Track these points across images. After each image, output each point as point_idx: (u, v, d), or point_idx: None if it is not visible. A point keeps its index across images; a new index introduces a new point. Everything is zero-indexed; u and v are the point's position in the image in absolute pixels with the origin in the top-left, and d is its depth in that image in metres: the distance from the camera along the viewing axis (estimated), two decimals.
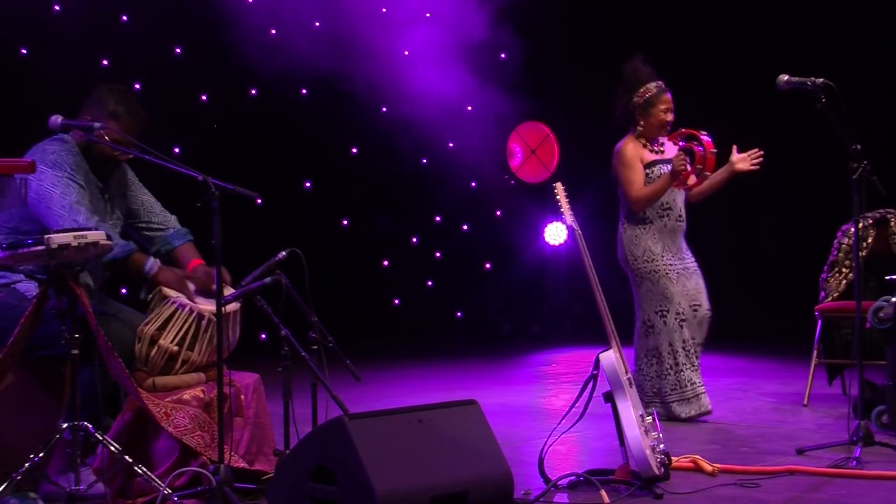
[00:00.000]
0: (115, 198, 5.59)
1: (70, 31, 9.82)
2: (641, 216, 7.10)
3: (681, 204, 7.13)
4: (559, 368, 10.38)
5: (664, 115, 7.07)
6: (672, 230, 7.09)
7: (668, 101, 7.09)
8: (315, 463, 4.46)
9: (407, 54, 11.62)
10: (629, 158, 7.12)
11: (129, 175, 5.73)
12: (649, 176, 7.06)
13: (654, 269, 7.03)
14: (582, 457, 6.26)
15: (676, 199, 7.11)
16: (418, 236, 12.57)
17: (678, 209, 7.10)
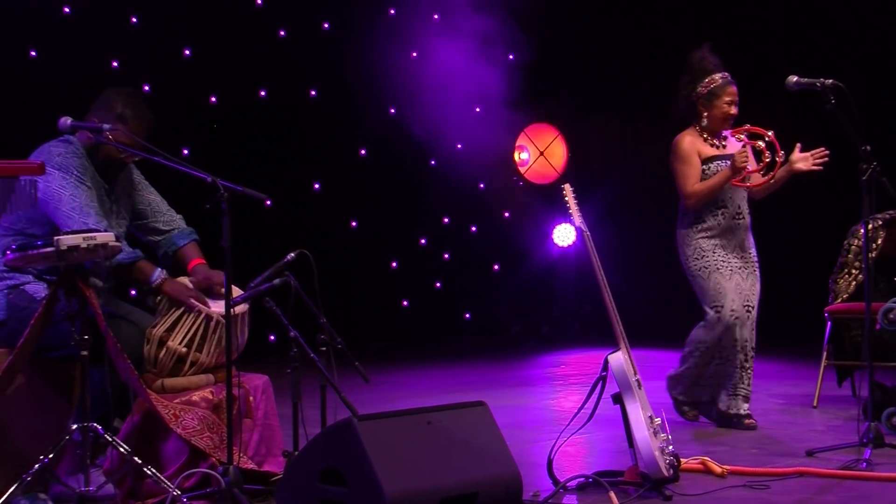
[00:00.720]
0: (120, 199, 5.60)
1: (80, 33, 9.84)
2: (695, 214, 6.85)
3: (739, 201, 6.84)
4: (568, 370, 10.38)
5: (728, 107, 6.79)
6: (728, 228, 6.81)
7: (734, 93, 6.81)
8: (324, 464, 4.46)
9: (415, 56, 11.63)
10: (685, 152, 6.87)
11: (135, 175, 5.74)
12: (706, 172, 6.81)
13: (703, 265, 6.77)
14: (591, 458, 6.26)
15: (733, 196, 6.82)
16: (427, 238, 12.57)
17: (735, 207, 6.83)
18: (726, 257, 6.80)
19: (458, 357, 11.24)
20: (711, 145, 6.89)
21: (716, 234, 6.83)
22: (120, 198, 5.59)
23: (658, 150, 12.19)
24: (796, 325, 10.74)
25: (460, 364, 10.76)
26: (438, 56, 11.24)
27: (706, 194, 6.77)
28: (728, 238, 6.83)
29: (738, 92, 6.83)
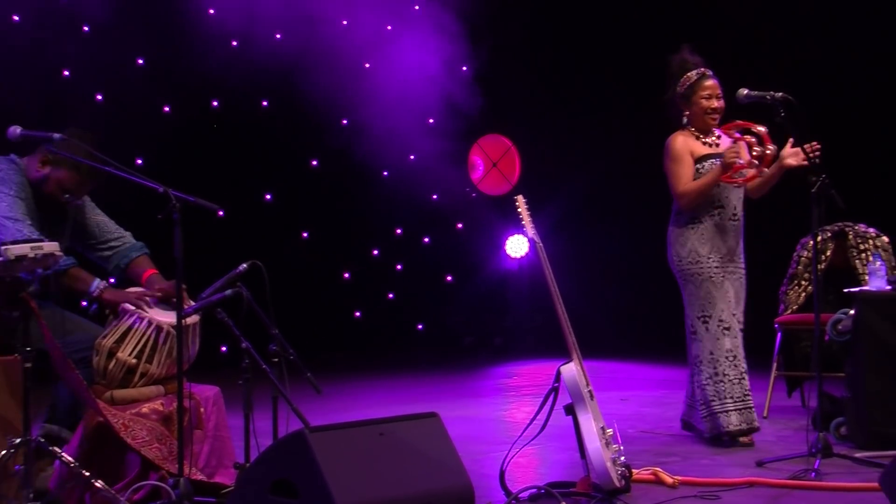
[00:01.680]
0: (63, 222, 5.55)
1: (30, 42, 9.76)
2: (690, 214, 6.69)
3: (735, 201, 6.69)
4: (521, 381, 10.39)
5: (706, 101, 6.67)
6: (724, 230, 6.65)
7: (711, 86, 6.69)
8: (276, 476, 4.44)
9: (368, 66, 11.63)
10: (677, 151, 6.70)
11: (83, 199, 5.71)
12: (699, 171, 6.66)
13: (697, 271, 6.63)
14: (543, 469, 6.27)
15: (730, 195, 6.68)
16: (379, 249, 12.55)
17: (731, 207, 6.68)
18: (720, 264, 6.64)
19: (410, 368, 11.23)
20: (704, 144, 6.74)
21: (711, 235, 6.66)
22: (62, 221, 5.55)
23: (610, 161, 12.33)
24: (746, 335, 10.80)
25: (413, 375, 10.75)
26: (391, 67, 11.24)
27: (698, 193, 6.61)
28: (723, 240, 6.66)
29: (719, 85, 6.71)
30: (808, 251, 7.81)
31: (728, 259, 6.67)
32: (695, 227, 6.67)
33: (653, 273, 11.37)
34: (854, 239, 7.70)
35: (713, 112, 6.70)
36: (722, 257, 6.65)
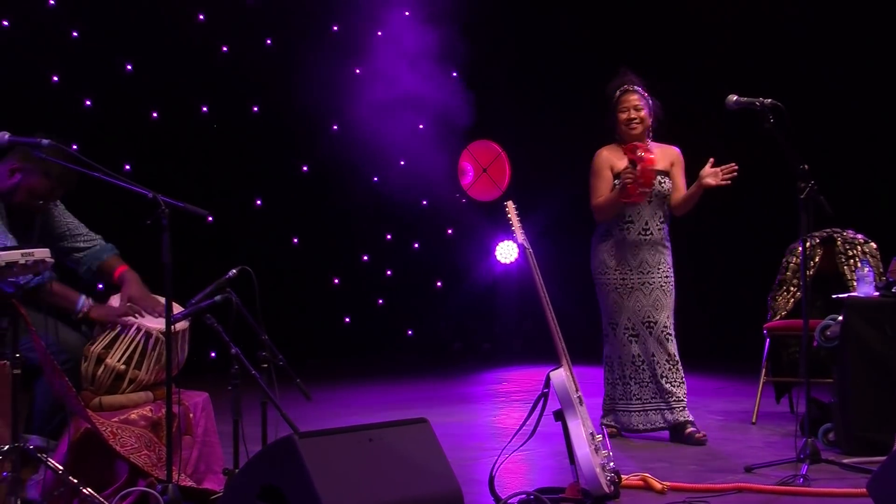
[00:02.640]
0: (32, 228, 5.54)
1: (18, 47, 9.75)
2: (604, 227, 7.05)
3: (647, 217, 6.96)
4: (510, 387, 10.39)
5: (623, 114, 6.98)
6: (634, 244, 6.95)
7: (630, 100, 6.99)
8: (264, 482, 4.44)
9: (359, 72, 11.63)
10: (597, 166, 7.05)
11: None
12: (615, 185, 6.93)
13: (604, 282, 7.03)
14: (532, 475, 6.27)
15: (641, 211, 6.96)
16: (369, 254, 12.55)
17: (643, 222, 6.96)
18: (628, 275, 6.98)
19: (399, 374, 11.22)
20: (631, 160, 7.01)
21: (622, 249, 6.99)
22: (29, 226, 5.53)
23: None
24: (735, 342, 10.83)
25: (402, 381, 10.74)
26: (382, 72, 11.24)
27: (604, 209, 6.97)
28: (633, 253, 6.98)
29: (641, 98, 7.00)
30: (796, 257, 7.82)
31: (640, 271, 6.99)
32: (606, 240, 7.07)
33: None
34: (842, 245, 7.71)
35: (629, 123, 6.99)
36: (632, 270, 6.99)
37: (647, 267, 6.99)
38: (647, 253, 7.00)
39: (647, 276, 6.99)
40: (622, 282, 6.98)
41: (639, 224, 6.98)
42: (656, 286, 6.99)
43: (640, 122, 6.99)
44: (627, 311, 6.97)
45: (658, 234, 7.01)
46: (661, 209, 7.04)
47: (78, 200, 9.63)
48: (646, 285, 6.99)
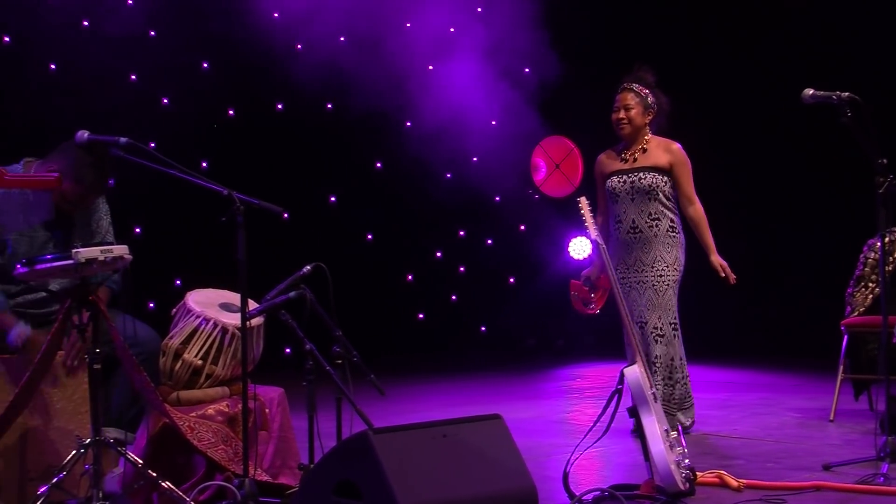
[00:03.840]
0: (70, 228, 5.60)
1: (99, 47, 9.89)
2: (605, 227, 7.13)
3: (633, 215, 6.98)
4: (584, 383, 10.37)
5: (613, 114, 7.09)
6: (624, 243, 7.00)
7: (620, 98, 7.10)
8: (339, 477, 4.46)
9: (431, 69, 11.65)
10: (594, 175, 7.30)
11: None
12: (606, 186, 7.10)
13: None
14: (606, 472, 6.25)
15: (627, 210, 6.99)
16: (442, 251, 12.57)
17: (629, 221, 6.99)
18: (625, 274, 6.99)
19: (473, 370, 11.23)
20: (621, 160, 7.10)
21: (618, 248, 7.04)
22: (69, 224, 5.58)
23: None
24: (813, 338, 10.71)
25: (475, 377, 10.75)
26: (454, 69, 11.25)
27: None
28: (626, 252, 7.01)
29: (632, 96, 7.06)
30: (874, 252, 7.72)
31: (636, 270, 7.00)
32: (608, 240, 7.05)
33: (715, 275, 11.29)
34: None
35: (618, 123, 7.08)
36: (629, 268, 7.01)
37: (641, 265, 6.98)
38: (640, 251, 6.99)
39: (641, 274, 6.97)
40: (622, 281, 6.96)
41: (626, 223, 7.00)
42: (649, 285, 6.96)
43: (627, 122, 7.05)
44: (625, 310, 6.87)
45: (650, 232, 6.97)
46: (649, 205, 6.98)
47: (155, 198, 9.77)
48: (641, 284, 6.97)
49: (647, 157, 7.04)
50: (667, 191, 7.02)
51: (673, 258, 6.99)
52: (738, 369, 10.41)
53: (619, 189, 7.01)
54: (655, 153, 7.05)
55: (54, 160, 5.41)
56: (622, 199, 7.00)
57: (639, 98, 7.05)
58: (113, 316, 4.99)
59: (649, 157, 7.03)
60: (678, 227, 7.08)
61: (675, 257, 7.00)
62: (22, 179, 4.79)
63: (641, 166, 7.01)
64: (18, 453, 5.17)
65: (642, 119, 7.06)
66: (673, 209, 7.06)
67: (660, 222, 6.98)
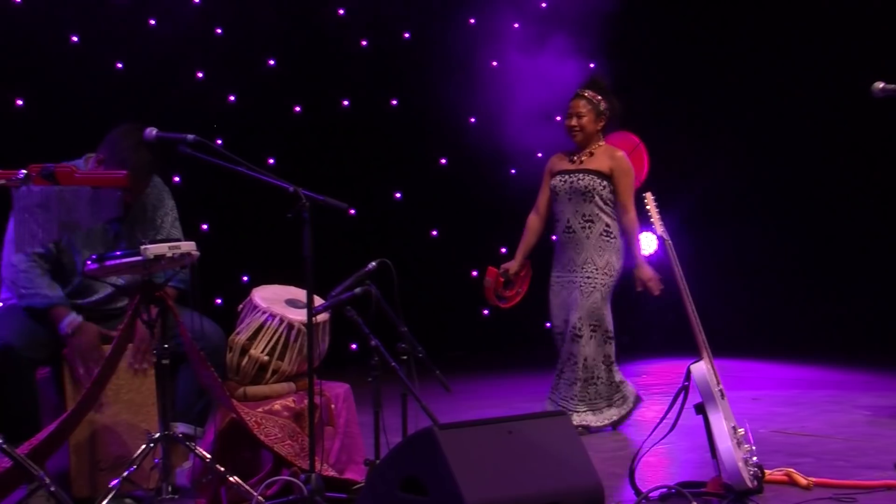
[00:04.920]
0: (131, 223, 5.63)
1: (165, 45, 9.98)
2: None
3: (568, 215, 7.10)
4: (649, 379, 10.31)
5: (566, 120, 7.18)
6: (560, 242, 7.15)
7: (572, 105, 7.18)
8: (405, 473, 4.47)
9: (496, 65, 11.63)
10: (543, 171, 7.41)
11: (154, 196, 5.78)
12: (551, 185, 7.23)
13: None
14: (673, 469, 6.21)
15: (564, 209, 7.11)
16: (507, 246, 12.53)
17: (565, 220, 7.11)
18: (559, 274, 7.13)
19: (538, 366, 11.18)
20: (570, 161, 7.19)
21: (557, 247, 7.21)
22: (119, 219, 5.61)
23: (740, 157, 12.16)
24: (884, 334, 10.59)
25: (541, 373, 10.69)
26: (518, 64, 11.23)
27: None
28: (562, 251, 7.16)
29: (584, 104, 7.15)
30: None
31: (567, 269, 7.13)
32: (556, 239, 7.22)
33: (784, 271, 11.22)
34: None
35: (569, 129, 7.17)
36: (563, 267, 7.16)
37: (572, 265, 7.08)
38: (572, 251, 7.08)
39: (571, 274, 7.07)
40: (555, 279, 7.12)
41: (562, 223, 7.13)
42: (576, 286, 7.04)
43: (579, 129, 7.13)
44: (555, 308, 7.15)
45: (582, 233, 7.07)
46: (584, 207, 7.08)
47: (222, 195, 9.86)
48: (570, 283, 7.08)
49: (592, 160, 7.16)
50: (604, 195, 7.11)
51: (604, 262, 7.07)
52: (808, 366, 10.29)
53: (559, 189, 7.13)
54: (601, 158, 7.16)
55: (101, 150, 5.49)
56: (561, 198, 7.13)
57: (591, 105, 7.17)
58: (180, 312, 5.04)
59: (594, 161, 7.15)
60: (614, 232, 7.15)
61: (606, 261, 7.08)
62: (92, 177, 4.83)
63: (584, 168, 7.12)
64: (89, 445, 5.26)
65: (594, 126, 7.18)
66: (611, 214, 7.15)
67: (593, 225, 7.08)
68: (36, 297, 5.29)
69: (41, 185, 4.62)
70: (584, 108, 7.13)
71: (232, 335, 5.44)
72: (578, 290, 7.00)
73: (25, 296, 5.30)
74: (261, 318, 5.40)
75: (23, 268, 5.29)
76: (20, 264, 5.28)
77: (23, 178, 4.56)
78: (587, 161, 7.15)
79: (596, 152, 7.17)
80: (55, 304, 5.31)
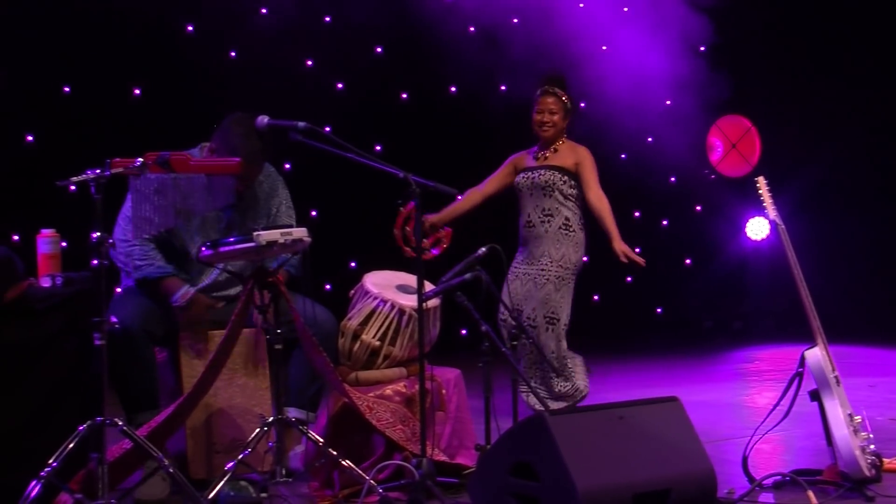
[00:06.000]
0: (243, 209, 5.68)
1: (276, 33, 10.09)
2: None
3: (529, 210, 7.06)
4: (762, 366, 10.19)
5: (536, 115, 7.12)
6: (523, 237, 7.08)
7: (544, 102, 7.11)
8: (516, 458, 4.48)
9: (605, 48, 11.56)
10: (505, 161, 7.40)
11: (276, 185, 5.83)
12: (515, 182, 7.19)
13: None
14: (787, 456, 6.13)
15: (526, 204, 7.06)
16: None
17: (526, 215, 7.07)
18: (518, 265, 7.00)
19: (648, 352, 11.14)
20: (535, 158, 7.15)
21: (519, 242, 7.13)
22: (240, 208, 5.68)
23: (854, 141, 11.94)
24: None
25: (651, 359, 10.66)
26: (628, 48, 11.15)
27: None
28: (524, 244, 7.08)
29: (556, 101, 7.10)
30: None
31: (526, 262, 7.01)
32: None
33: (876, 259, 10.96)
34: None
35: (541, 126, 7.10)
36: (523, 259, 7.04)
37: (531, 258, 6.98)
38: (532, 245, 7.01)
39: (528, 266, 6.95)
40: (514, 270, 6.99)
41: (523, 216, 7.08)
42: (531, 277, 6.91)
43: (552, 125, 7.09)
44: (505, 297, 6.83)
45: (542, 227, 7.00)
46: (544, 201, 7.02)
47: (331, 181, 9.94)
48: (526, 275, 6.96)
49: (555, 157, 7.13)
50: (564, 189, 7.05)
51: (560, 255, 6.98)
52: None
53: (522, 185, 7.11)
54: (564, 154, 7.13)
55: (213, 139, 5.56)
56: (524, 194, 7.10)
57: (560, 103, 7.14)
58: (292, 298, 5.10)
59: (557, 158, 7.12)
60: (574, 226, 7.07)
61: (562, 254, 6.98)
62: (206, 164, 4.92)
63: (547, 165, 7.09)
64: (205, 428, 5.36)
65: (563, 123, 7.17)
66: (572, 208, 7.09)
67: (553, 219, 7.02)
68: (151, 266, 5.41)
69: (157, 172, 4.72)
70: (556, 105, 7.14)
71: (344, 320, 5.49)
72: (532, 281, 6.93)
73: (141, 266, 5.42)
74: (372, 303, 5.44)
75: (138, 242, 5.41)
76: (135, 239, 5.39)
77: (139, 166, 4.66)
78: (551, 157, 7.14)
79: (560, 149, 7.17)
80: (169, 273, 5.44)
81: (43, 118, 9.30)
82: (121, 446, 4.72)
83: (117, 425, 4.48)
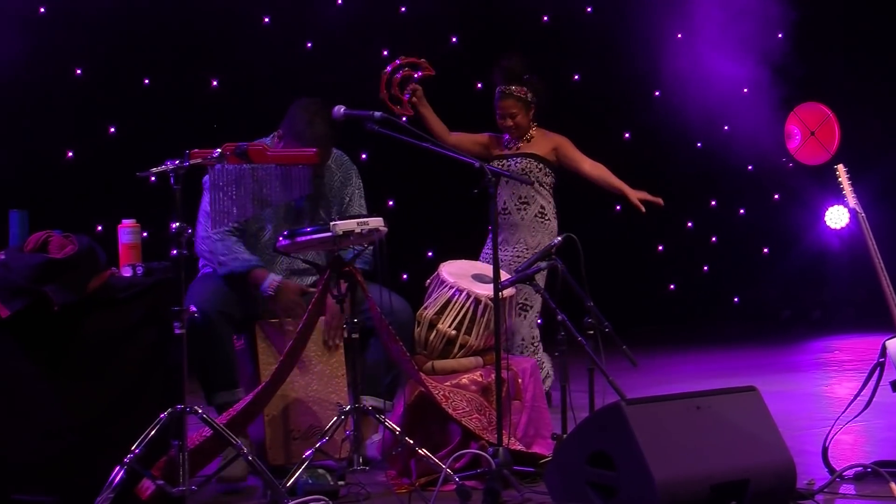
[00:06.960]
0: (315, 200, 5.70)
1: (351, 23, 10.14)
2: None
3: (506, 197, 6.94)
4: (842, 355, 10.07)
5: (500, 120, 7.10)
6: (500, 223, 6.89)
7: (503, 106, 7.08)
8: (593, 448, 4.47)
9: (680, 37, 11.48)
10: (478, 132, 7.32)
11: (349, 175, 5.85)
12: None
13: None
14: (868, 447, 6.05)
15: (501, 192, 6.89)
16: (693, 221, 12.40)
17: (502, 202, 6.93)
18: (488, 251, 6.82)
19: (725, 341, 11.06)
20: (506, 147, 7.12)
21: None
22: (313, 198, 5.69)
23: None
24: None
25: (728, 349, 10.58)
26: (704, 36, 11.06)
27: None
28: (501, 231, 6.82)
29: (515, 103, 7.05)
30: None
31: (501, 250, 6.75)
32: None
33: None
34: None
35: (503, 129, 7.06)
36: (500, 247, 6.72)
37: (506, 245, 6.91)
38: (507, 233, 6.93)
39: (503, 253, 6.83)
40: (483, 256, 6.90)
41: (500, 203, 6.89)
42: (505, 264, 6.73)
43: (514, 127, 7.05)
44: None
45: (517, 215, 6.94)
46: (520, 189, 6.94)
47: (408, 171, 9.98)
48: (500, 261, 6.74)
49: (529, 145, 7.09)
50: (540, 177, 6.99)
51: (536, 242, 6.90)
52: None
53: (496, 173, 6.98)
54: (539, 142, 7.10)
55: (281, 126, 5.61)
56: (499, 182, 6.90)
57: (520, 102, 7.08)
58: (368, 288, 5.13)
59: (531, 146, 7.08)
60: (549, 215, 7.02)
61: (538, 242, 6.89)
62: (283, 155, 4.96)
63: (521, 153, 7.04)
64: (283, 416, 5.41)
65: (526, 119, 7.11)
66: (547, 197, 7.03)
67: (528, 207, 6.96)
68: (236, 261, 5.45)
69: (235, 163, 4.76)
70: (515, 106, 7.07)
71: (420, 309, 5.52)
72: (507, 267, 6.80)
73: (225, 262, 5.46)
74: (448, 292, 5.46)
75: (218, 237, 5.45)
76: (215, 234, 5.44)
77: (217, 156, 4.70)
78: (524, 146, 7.11)
79: (533, 138, 7.14)
80: (255, 265, 5.48)
81: (124, 110, 9.43)
82: (201, 434, 4.78)
83: (197, 413, 4.53)
